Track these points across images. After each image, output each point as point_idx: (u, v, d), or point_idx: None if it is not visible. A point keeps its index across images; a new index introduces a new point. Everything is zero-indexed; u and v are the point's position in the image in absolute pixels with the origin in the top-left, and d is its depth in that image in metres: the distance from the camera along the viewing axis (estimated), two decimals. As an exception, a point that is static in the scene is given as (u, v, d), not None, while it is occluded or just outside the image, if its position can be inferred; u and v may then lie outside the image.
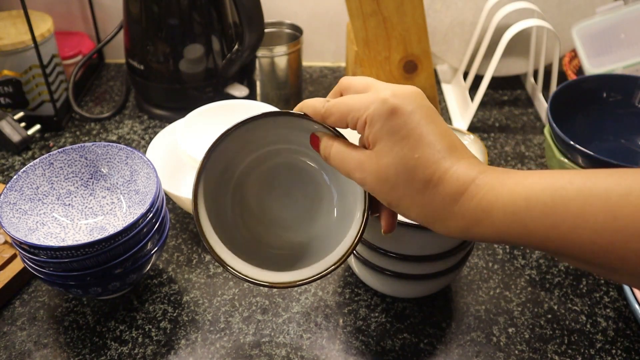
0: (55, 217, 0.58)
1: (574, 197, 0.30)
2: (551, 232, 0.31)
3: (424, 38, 0.74)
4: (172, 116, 0.81)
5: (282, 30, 0.88)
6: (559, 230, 0.31)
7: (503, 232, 0.33)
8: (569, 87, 0.70)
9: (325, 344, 0.54)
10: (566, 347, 0.54)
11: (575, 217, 0.30)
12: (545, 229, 0.31)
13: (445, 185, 0.35)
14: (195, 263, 0.62)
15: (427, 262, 0.51)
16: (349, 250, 0.41)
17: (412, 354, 0.53)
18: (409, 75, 0.77)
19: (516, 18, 0.77)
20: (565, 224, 0.31)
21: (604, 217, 0.29)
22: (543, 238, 0.32)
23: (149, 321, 0.56)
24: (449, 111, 0.88)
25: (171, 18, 0.77)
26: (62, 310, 0.57)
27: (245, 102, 0.73)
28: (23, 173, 0.56)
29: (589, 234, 0.30)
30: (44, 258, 0.49)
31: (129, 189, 0.59)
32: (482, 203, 0.34)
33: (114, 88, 0.94)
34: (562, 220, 0.31)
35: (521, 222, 0.32)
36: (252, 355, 0.53)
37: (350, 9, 0.72)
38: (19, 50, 0.76)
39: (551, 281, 0.60)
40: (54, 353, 0.53)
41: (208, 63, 0.81)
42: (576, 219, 0.30)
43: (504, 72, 0.92)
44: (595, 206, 0.30)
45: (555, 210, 0.31)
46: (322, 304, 0.58)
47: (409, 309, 0.57)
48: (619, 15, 0.79)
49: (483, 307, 0.57)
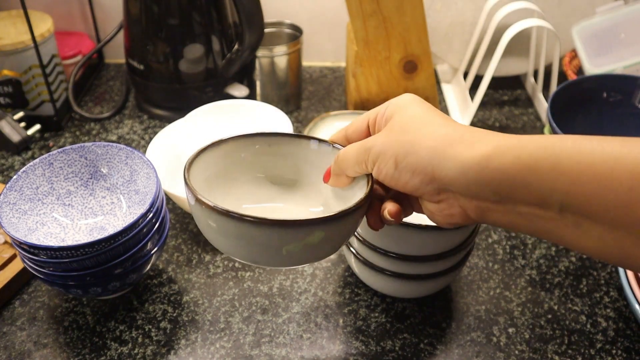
0: (55, 217, 0.58)
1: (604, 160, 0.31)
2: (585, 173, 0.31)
3: (424, 38, 0.74)
4: (172, 116, 0.81)
5: (282, 30, 0.88)
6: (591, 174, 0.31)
7: (528, 165, 0.32)
8: (569, 87, 0.70)
9: (325, 344, 0.54)
10: (566, 347, 0.54)
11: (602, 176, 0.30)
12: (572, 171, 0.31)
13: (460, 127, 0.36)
14: (195, 263, 0.62)
15: (427, 262, 0.51)
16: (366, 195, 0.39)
17: (412, 354, 0.53)
18: (409, 75, 0.77)
19: (516, 18, 0.77)
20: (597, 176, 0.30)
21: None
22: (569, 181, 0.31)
23: (149, 321, 0.56)
24: (449, 111, 0.88)
25: (171, 18, 0.77)
26: (62, 310, 0.57)
27: (245, 102, 0.73)
28: (23, 173, 0.56)
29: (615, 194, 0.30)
30: (43, 258, 0.49)
31: (128, 189, 0.59)
32: (502, 138, 0.34)
33: (114, 88, 0.94)
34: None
35: (552, 156, 0.32)
36: (252, 355, 0.53)
37: (350, 9, 0.72)
38: (19, 50, 0.76)
39: (551, 281, 0.60)
40: (54, 353, 0.53)
41: (208, 63, 0.81)
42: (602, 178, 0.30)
43: (504, 72, 0.92)
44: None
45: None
46: (322, 304, 0.58)
47: (409, 309, 0.57)
48: (619, 15, 0.79)
49: (483, 307, 0.57)
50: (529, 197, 0.33)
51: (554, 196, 0.32)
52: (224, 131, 0.71)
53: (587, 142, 0.32)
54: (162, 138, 0.69)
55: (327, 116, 0.74)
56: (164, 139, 0.69)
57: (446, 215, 0.38)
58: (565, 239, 0.33)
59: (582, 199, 0.31)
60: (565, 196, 0.31)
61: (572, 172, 0.31)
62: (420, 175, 0.36)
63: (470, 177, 0.34)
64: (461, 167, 0.34)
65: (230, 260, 0.62)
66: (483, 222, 0.37)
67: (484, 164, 0.33)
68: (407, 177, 0.37)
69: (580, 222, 0.32)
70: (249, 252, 0.38)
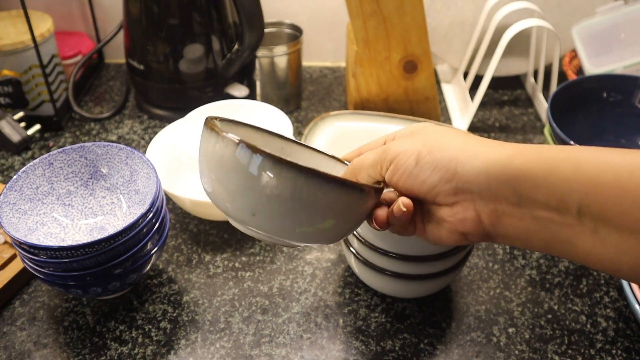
0: (55, 217, 0.57)
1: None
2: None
3: (424, 38, 0.74)
4: (172, 116, 0.81)
5: (282, 30, 0.88)
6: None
7: (550, 164, 0.33)
8: (569, 87, 0.70)
9: (325, 344, 0.54)
10: (566, 347, 0.54)
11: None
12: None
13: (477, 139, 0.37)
14: (195, 263, 0.62)
15: (427, 262, 0.51)
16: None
17: (412, 354, 0.53)
18: (409, 75, 0.77)
19: (516, 18, 0.77)
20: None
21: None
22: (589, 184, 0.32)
23: (149, 321, 0.56)
24: (449, 111, 0.88)
25: (171, 18, 0.77)
26: (62, 310, 0.57)
27: (245, 102, 0.73)
28: (23, 173, 0.56)
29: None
30: (43, 258, 0.49)
31: (128, 189, 0.59)
32: (525, 145, 0.35)
33: (114, 88, 0.94)
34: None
35: (573, 158, 0.32)
36: (252, 355, 0.53)
37: (350, 9, 0.72)
38: (19, 50, 0.76)
39: (551, 281, 0.60)
40: (54, 353, 0.53)
41: (208, 63, 0.80)
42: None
43: (504, 72, 0.92)
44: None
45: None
46: (322, 304, 0.58)
47: (409, 309, 0.57)
48: (619, 15, 0.79)
49: (483, 307, 0.57)
50: (548, 199, 0.33)
51: (573, 197, 0.32)
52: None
53: (607, 150, 0.32)
54: (162, 138, 0.69)
55: (327, 116, 0.74)
56: (164, 139, 0.69)
57: (458, 220, 0.37)
58: (580, 248, 0.33)
59: (601, 200, 0.31)
60: (584, 197, 0.31)
61: (592, 173, 0.31)
62: (441, 172, 0.36)
63: (492, 173, 0.34)
64: (485, 164, 0.35)
65: (230, 260, 0.62)
66: (495, 232, 0.36)
67: (508, 162, 0.34)
68: (427, 174, 0.36)
69: (597, 228, 0.32)
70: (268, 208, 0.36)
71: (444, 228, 0.38)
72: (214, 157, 0.37)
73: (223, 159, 0.36)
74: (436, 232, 0.39)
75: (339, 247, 0.64)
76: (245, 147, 0.35)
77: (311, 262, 0.62)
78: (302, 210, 0.36)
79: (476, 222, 0.36)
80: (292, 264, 0.62)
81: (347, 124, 0.73)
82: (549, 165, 0.33)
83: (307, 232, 0.37)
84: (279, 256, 0.63)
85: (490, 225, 0.36)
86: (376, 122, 0.73)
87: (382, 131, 0.71)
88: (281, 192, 0.35)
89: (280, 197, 0.35)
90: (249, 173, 0.35)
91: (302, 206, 0.36)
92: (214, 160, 0.37)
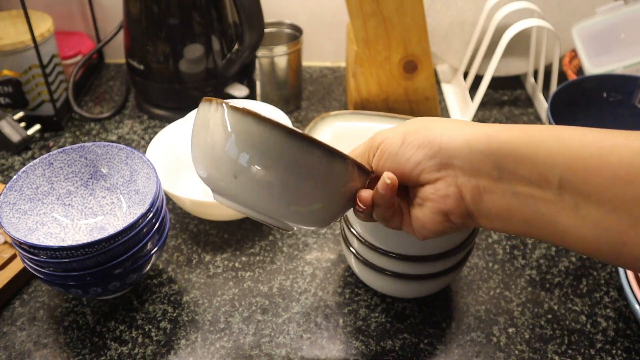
0: (55, 217, 0.58)
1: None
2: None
3: (424, 38, 0.74)
4: (172, 116, 0.81)
5: (282, 30, 0.88)
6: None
7: (533, 138, 0.33)
8: (569, 87, 0.70)
9: (325, 344, 0.54)
10: (566, 347, 0.54)
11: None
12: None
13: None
14: (195, 263, 0.62)
15: (427, 262, 0.51)
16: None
17: (412, 354, 0.53)
18: (409, 75, 0.77)
19: (516, 18, 0.77)
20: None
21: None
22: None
23: (149, 321, 0.56)
24: (449, 111, 0.88)
25: (171, 18, 0.77)
26: (62, 310, 0.57)
27: (245, 102, 0.73)
28: (23, 173, 0.56)
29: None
30: (43, 258, 0.49)
31: (128, 189, 0.59)
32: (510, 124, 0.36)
33: (114, 88, 0.94)
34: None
35: (556, 134, 0.33)
36: (252, 355, 0.53)
37: (350, 9, 0.72)
38: (19, 50, 0.76)
39: (551, 281, 0.60)
40: (54, 353, 0.53)
41: (208, 63, 0.81)
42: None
43: (504, 72, 0.92)
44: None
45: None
46: (322, 304, 0.58)
47: (409, 309, 0.57)
48: (619, 15, 0.79)
49: (483, 307, 0.57)
50: (529, 173, 0.33)
51: (555, 170, 0.32)
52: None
53: (592, 129, 0.33)
54: (162, 138, 0.69)
55: (327, 116, 0.74)
56: (164, 139, 0.69)
57: (440, 197, 0.37)
58: (560, 226, 0.33)
59: (583, 174, 0.31)
60: (566, 171, 0.32)
61: (575, 148, 0.32)
62: (425, 149, 0.37)
63: (474, 147, 0.35)
64: (468, 138, 0.35)
65: (230, 260, 0.62)
66: (476, 209, 0.37)
67: (492, 136, 0.35)
68: (412, 152, 0.37)
69: (578, 203, 0.32)
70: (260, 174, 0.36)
71: (427, 208, 0.38)
72: (203, 121, 0.38)
73: (210, 121, 0.37)
74: (420, 216, 0.39)
75: (339, 247, 0.64)
76: (230, 108, 0.36)
77: (311, 262, 0.62)
78: (285, 174, 0.36)
79: (458, 198, 0.37)
80: (292, 264, 0.62)
81: (347, 124, 0.73)
82: (533, 139, 0.33)
83: (291, 204, 0.38)
84: (279, 256, 0.63)
85: (471, 202, 0.36)
86: (376, 122, 0.73)
87: (382, 131, 0.71)
88: (263, 150, 0.36)
89: (262, 155, 0.36)
90: (230, 131, 0.36)
91: (285, 168, 0.36)
92: (201, 125, 0.38)
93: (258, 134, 0.36)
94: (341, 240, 0.59)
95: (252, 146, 0.36)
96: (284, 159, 0.36)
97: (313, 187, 0.37)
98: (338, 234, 0.66)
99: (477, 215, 0.37)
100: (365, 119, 0.73)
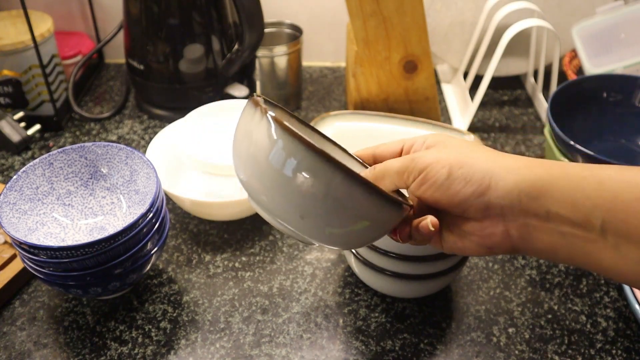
0: (55, 217, 0.57)
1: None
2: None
3: (424, 38, 0.74)
4: (172, 116, 0.81)
5: (282, 30, 0.88)
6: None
7: (575, 181, 0.34)
8: (569, 87, 0.70)
9: (325, 344, 0.54)
10: (566, 347, 0.54)
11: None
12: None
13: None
14: (195, 263, 0.62)
15: (427, 262, 0.51)
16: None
17: (412, 354, 0.53)
18: (409, 75, 0.77)
19: (516, 18, 0.77)
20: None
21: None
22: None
23: (149, 321, 0.56)
24: (449, 111, 0.88)
25: (171, 18, 0.77)
26: (62, 310, 0.57)
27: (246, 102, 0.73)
28: (23, 173, 0.56)
29: None
30: (43, 258, 0.49)
31: (128, 189, 0.59)
32: (552, 162, 0.36)
33: (114, 88, 0.94)
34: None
35: (597, 175, 0.34)
36: (252, 355, 0.53)
37: (350, 9, 0.72)
38: (19, 50, 0.76)
39: (551, 281, 0.60)
40: (54, 353, 0.53)
41: (208, 63, 0.80)
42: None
43: (504, 72, 0.92)
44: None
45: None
46: (322, 304, 0.58)
47: (409, 309, 0.57)
48: (619, 15, 0.79)
49: (483, 307, 0.57)
50: (573, 215, 0.34)
51: (596, 213, 0.33)
52: (224, 131, 0.71)
53: (629, 168, 0.34)
54: (162, 138, 0.69)
55: (327, 116, 0.74)
56: (164, 139, 0.69)
57: (486, 235, 0.37)
58: (604, 263, 0.34)
59: (623, 217, 0.32)
60: (606, 214, 0.33)
61: (615, 190, 0.32)
62: (474, 186, 0.36)
63: (523, 189, 0.35)
64: (517, 180, 0.35)
65: (230, 260, 0.62)
66: (524, 246, 0.37)
67: (536, 178, 0.35)
68: (459, 187, 0.36)
69: (619, 244, 0.33)
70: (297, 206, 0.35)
71: (470, 242, 0.38)
72: (246, 128, 0.36)
73: (253, 132, 0.35)
74: (459, 243, 0.39)
75: (339, 247, 0.64)
76: (279, 126, 0.34)
77: (311, 262, 0.62)
78: (333, 209, 0.35)
79: (504, 236, 0.37)
80: (292, 264, 0.62)
81: (347, 124, 0.73)
82: (574, 182, 0.34)
83: (334, 233, 0.37)
84: (279, 256, 0.63)
85: (519, 239, 0.37)
86: (376, 122, 0.73)
87: (382, 131, 0.71)
88: (315, 186, 0.34)
89: (313, 192, 0.34)
90: (280, 153, 0.34)
91: (335, 205, 0.35)
92: (245, 132, 0.37)
93: (307, 161, 0.34)
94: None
95: (300, 169, 0.34)
96: (333, 194, 0.34)
97: (362, 223, 0.37)
98: (338, 234, 0.66)
99: (523, 250, 0.37)
100: (365, 119, 0.73)
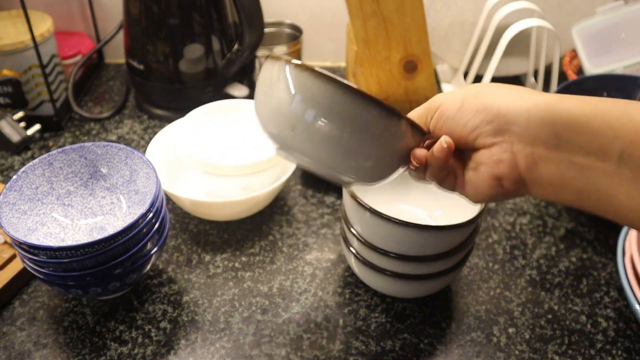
0: (55, 217, 0.57)
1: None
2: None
3: (424, 38, 0.74)
4: (172, 116, 0.81)
5: (282, 30, 0.88)
6: None
7: (596, 110, 0.33)
8: (569, 87, 0.70)
9: (325, 344, 0.54)
10: (566, 348, 0.54)
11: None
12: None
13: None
14: (195, 263, 0.62)
15: (427, 262, 0.51)
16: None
17: (412, 354, 0.53)
18: (409, 75, 0.77)
19: (516, 18, 0.77)
20: None
21: None
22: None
23: (149, 321, 0.56)
24: (449, 111, 0.88)
25: (171, 18, 0.77)
26: (61, 310, 0.57)
27: (245, 102, 0.73)
28: (22, 173, 0.56)
29: None
30: (43, 258, 0.49)
31: (128, 189, 0.59)
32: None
33: (114, 88, 0.94)
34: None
35: (621, 107, 0.32)
36: (252, 355, 0.53)
37: (350, 9, 0.72)
38: (19, 50, 0.75)
39: (551, 281, 0.60)
40: (54, 353, 0.53)
41: (208, 63, 0.80)
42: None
43: (504, 72, 0.92)
44: None
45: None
46: (322, 304, 0.58)
47: (409, 309, 0.57)
48: (619, 15, 0.79)
49: (483, 307, 0.57)
50: (589, 143, 0.33)
51: (616, 143, 0.32)
52: (224, 131, 0.71)
53: None
54: (162, 138, 0.69)
55: (327, 116, 0.74)
56: (164, 139, 0.69)
57: (494, 162, 0.37)
58: (618, 198, 0.33)
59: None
60: (628, 145, 0.31)
61: (639, 121, 0.31)
62: (482, 114, 0.37)
63: (534, 114, 0.35)
64: (527, 105, 0.35)
65: (230, 260, 0.62)
66: (529, 177, 0.36)
67: (552, 104, 0.34)
68: (469, 116, 0.37)
69: (637, 177, 0.31)
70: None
71: (481, 172, 0.38)
72: (267, 79, 0.41)
73: (272, 79, 0.40)
74: (473, 179, 0.39)
75: (339, 247, 0.64)
76: (293, 66, 0.39)
77: (311, 262, 0.62)
78: (342, 127, 0.38)
79: (512, 164, 0.37)
80: (292, 264, 0.62)
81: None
82: (595, 110, 0.33)
83: (345, 158, 0.39)
84: (279, 256, 0.63)
85: (525, 169, 0.36)
86: (376, 122, 0.73)
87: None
88: (324, 105, 0.38)
89: (323, 109, 0.38)
90: (294, 90, 0.39)
91: (341, 120, 0.38)
92: (265, 83, 0.41)
93: (319, 90, 0.38)
94: (341, 240, 0.59)
95: (314, 101, 0.38)
96: (342, 113, 0.38)
97: (367, 141, 0.39)
98: (338, 234, 0.66)
99: (530, 183, 0.37)
100: (365, 119, 0.73)
